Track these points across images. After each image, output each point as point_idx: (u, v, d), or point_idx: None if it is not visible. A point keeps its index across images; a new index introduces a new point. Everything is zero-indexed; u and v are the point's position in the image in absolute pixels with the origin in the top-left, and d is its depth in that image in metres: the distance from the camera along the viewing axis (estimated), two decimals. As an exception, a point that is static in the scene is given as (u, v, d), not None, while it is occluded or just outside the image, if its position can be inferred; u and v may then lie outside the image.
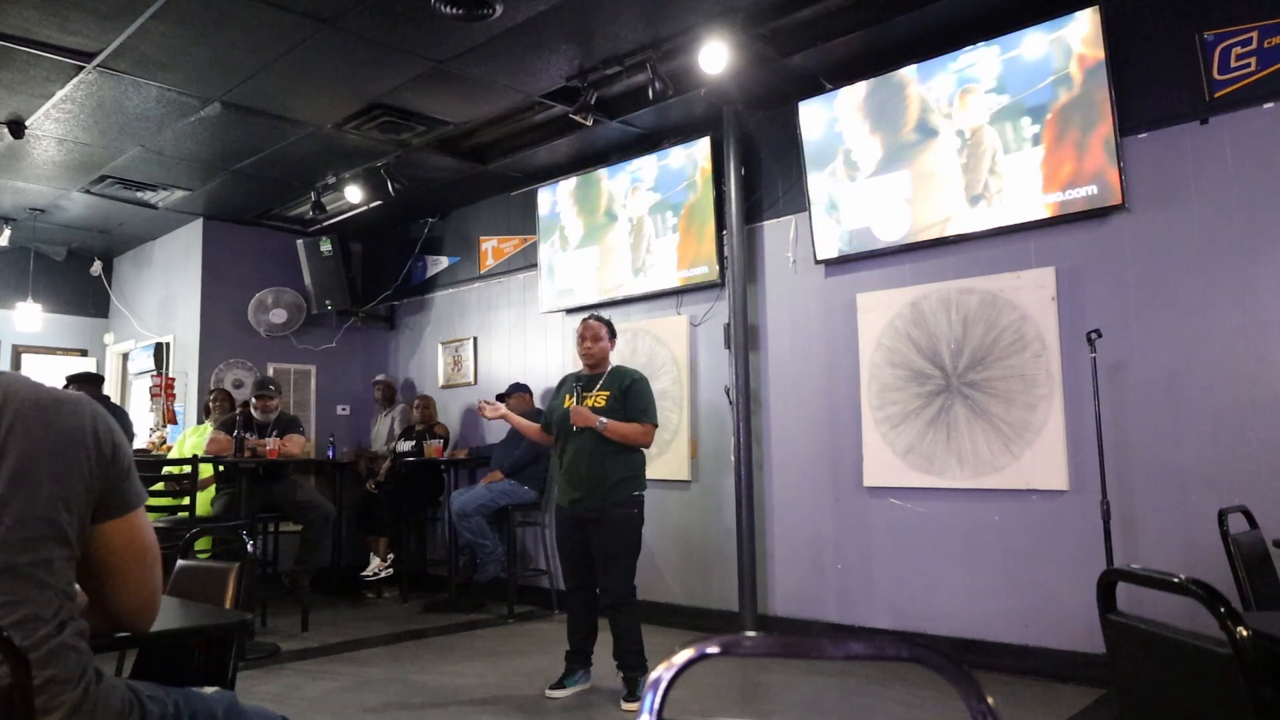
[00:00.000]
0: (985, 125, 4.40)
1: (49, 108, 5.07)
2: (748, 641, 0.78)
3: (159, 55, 4.47)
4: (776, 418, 5.22)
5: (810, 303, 5.14)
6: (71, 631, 1.31)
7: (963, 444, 4.43)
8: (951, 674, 0.74)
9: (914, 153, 4.64)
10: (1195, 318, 3.89)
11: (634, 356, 5.88)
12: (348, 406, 7.95)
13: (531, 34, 4.33)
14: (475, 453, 6.67)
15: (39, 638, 1.25)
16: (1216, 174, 3.87)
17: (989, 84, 4.39)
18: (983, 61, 4.41)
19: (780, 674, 4.28)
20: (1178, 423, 3.89)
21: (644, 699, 0.77)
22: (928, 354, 4.60)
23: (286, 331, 7.56)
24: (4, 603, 1.24)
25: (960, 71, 4.48)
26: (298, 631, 5.42)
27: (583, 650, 4.06)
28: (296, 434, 6.07)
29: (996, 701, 0.73)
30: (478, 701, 3.96)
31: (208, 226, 7.35)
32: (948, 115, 4.52)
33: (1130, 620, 1.44)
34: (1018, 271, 4.33)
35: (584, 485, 3.94)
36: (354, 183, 6.35)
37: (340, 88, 4.93)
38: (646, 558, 5.63)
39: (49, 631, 1.27)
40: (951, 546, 4.47)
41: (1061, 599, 4.08)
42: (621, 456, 3.98)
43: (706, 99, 5.18)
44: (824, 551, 4.94)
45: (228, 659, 1.80)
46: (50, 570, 1.29)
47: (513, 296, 6.84)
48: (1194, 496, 3.80)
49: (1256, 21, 3.77)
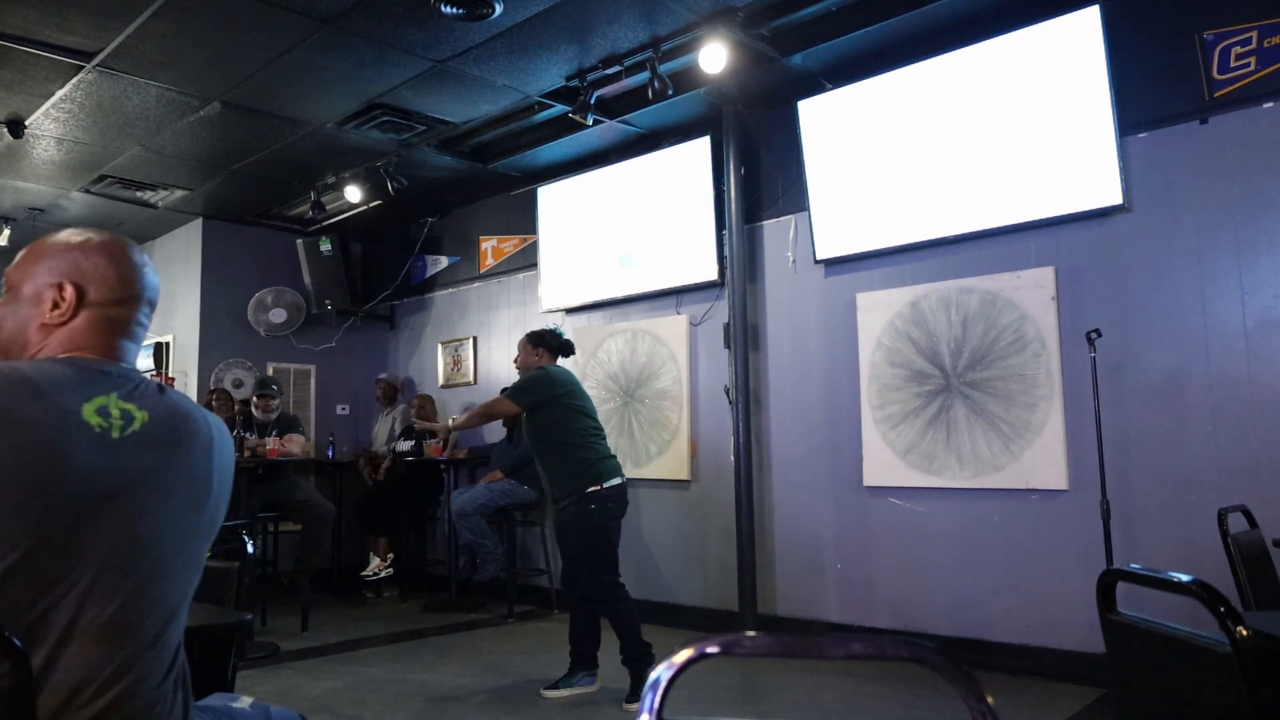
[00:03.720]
0: (985, 124, 4.40)
1: (48, 107, 5.07)
2: (748, 641, 0.78)
3: (159, 55, 4.47)
4: (776, 417, 5.22)
5: (810, 302, 5.14)
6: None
7: (963, 444, 4.43)
8: (951, 674, 0.74)
9: (914, 152, 4.64)
10: (1195, 318, 3.89)
11: (634, 356, 5.89)
12: (348, 406, 7.95)
13: (531, 34, 4.33)
14: (475, 453, 6.68)
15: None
16: (1216, 174, 3.87)
17: (989, 83, 4.39)
18: (983, 60, 4.41)
19: (780, 674, 4.28)
20: (1178, 423, 3.89)
21: (644, 699, 0.77)
22: (928, 354, 4.60)
23: (286, 331, 7.56)
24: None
25: (960, 71, 4.48)
26: (298, 631, 5.42)
27: (582, 651, 4.04)
28: (296, 433, 6.08)
29: (996, 701, 0.73)
30: (478, 701, 3.95)
31: (207, 226, 7.35)
32: (947, 114, 4.52)
33: (1130, 620, 1.44)
34: (1018, 271, 4.33)
35: (546, 486, 4.21)
36: (354, 182, 6.35)
37: (340, 88, 4.93)
38: (646, 558, 5.65)
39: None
40: (951, 546, 4.47)
41: (1061, 599, 4.08)
42: (556, 453, 4.00)
43: (706, 99, 5.18)
44: (824, 551, 4.94)
45: (228, 659, 1.80)
46: None
47: (513, 296, 6.84)
48: (1194, 496, 3.80)
49: (1256, 21, 3.77)
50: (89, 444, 1.20)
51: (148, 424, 1.27)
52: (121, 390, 1.28)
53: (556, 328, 4.45)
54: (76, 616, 1.17)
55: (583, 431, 4.03)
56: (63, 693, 1.15)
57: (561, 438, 3.99)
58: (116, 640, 1.20)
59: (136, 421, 1.26)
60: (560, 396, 4.04)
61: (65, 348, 1.31)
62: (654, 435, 5.73)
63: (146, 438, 1.26)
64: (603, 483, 3.94)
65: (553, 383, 4.05)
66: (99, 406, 1.24)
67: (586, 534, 3.91)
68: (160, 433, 1.28)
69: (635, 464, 5.74)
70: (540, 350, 4.22)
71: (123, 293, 1.37)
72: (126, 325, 1.37)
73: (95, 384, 1.26)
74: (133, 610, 1.22)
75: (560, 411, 4.02)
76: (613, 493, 3.97)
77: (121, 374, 1.31)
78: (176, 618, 1.30)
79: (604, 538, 3.93)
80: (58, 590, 1.16)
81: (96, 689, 1.18)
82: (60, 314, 1.32)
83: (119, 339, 1.36)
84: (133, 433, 1.25)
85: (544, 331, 4.30)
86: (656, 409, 5.74)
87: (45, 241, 1.39)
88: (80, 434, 1.20)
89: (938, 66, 4.55)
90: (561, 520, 3.99)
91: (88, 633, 1.18)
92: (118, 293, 1.36)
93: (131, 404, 1.27)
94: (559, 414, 4.02)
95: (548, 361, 4.21)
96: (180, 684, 1.31)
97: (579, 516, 3.91)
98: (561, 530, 4.01)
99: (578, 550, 3.94)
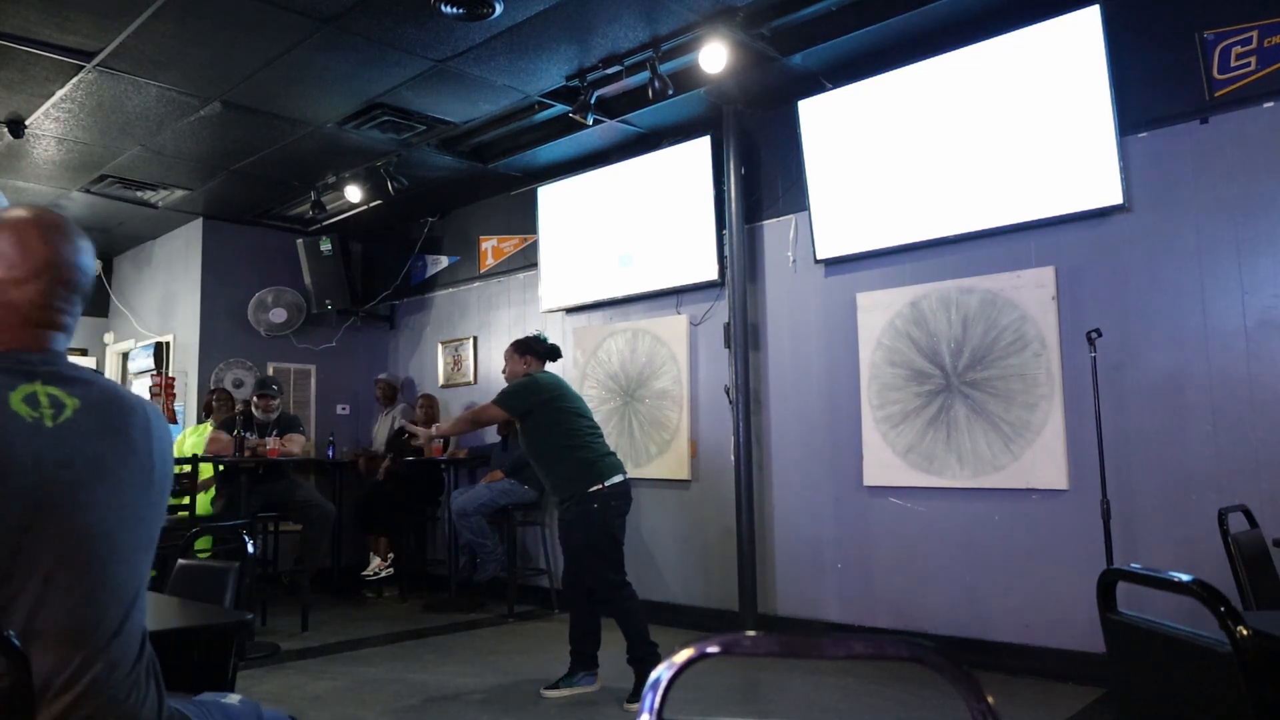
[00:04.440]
0: (985, 124, 4.40)
1: (49, 107, 5.07)
2: (748, 641, 0.78)
3: (159, 55, 4.47)
4: (776, 417, 5.22)
5: (810, 302, 5.14)
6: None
7: (963, 443, 4.43)
8: (951, 674, 0.74)
9: (914, 152, 4.64)
10: (1195, 318, 3.89)
11: (634, 356, 5.89)
12: (348, 406, 7.95)
13: (531, 34, 4.33)
14: (475, 453, 6.68)
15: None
16: (1216, 174, 3.87)
17: (989, 83, 4.39)
18: (983, 60, 4.41)
19: (780, 674, 4.28)
20: (1178, 423, 3.89)
21: (644, 699, 0.77)
22: (928, 353, 4.60)
23: (286, 331, 7.56)
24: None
25: (960, 71, 4.48)
26: (298, 631, 5.42)
27: (581, 651, 4.03)
28: (297, 433, 6.07)
29: (996, 701, 0.73)
30: (478, 701, 3.95)
31: (207, 226, 7.35)
32: (947, 114, 4.52)
33: (1130, 619, 1.44)
34: (1018, 271, 4.33)
35: (548, 489, 4.20)
36: (354, 182, 6.35)
37: (340, 88, 4.93)
38: (646, 557, 5.65)
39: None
40: (951, 546, 4.47)
41: (1061, 599, 4.08)
42: (554, 456, 4.00)
43: (706, 99, 5.18)
44: (824, 551, 4.94)
45: (228, 659, 1.80)
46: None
47: (513, 296, 6.84)
48: (1194, 496, 3.80)
49: (1256, 21, 3.77)
50: (22, 434, 1.16)
51: (80, 410, 1.23)
52: (46, 377, 1.23)
53: (540, 333, 4.45)
54: (35, 611, 1.15)
55: (579, 432, 4.02)
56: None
57: (558, 441, 3.99)
58: (79, 633, 1.18)
59: (68, 409, 1.22)
60: (549, 401, 4.04)
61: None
62: (654, 435, 5.73)
63: (81, 425, 1.23)
64: (604, 481, 3.93)
65: (540, 388, 4.06)
66: (26, 395, 1.19)
67: (590, 533, 3.90)
68: (95, 419, 1.25)
69: (635, 464, 5.73)
70: (527, 357, 4.22)
71: (23, 272, 1.26)
72: (37, 310, 1.27)
73: (17, 374, 1.21)
74: (94, 601, 1.20)
75: (552, 415, 4.02)
76: (615, 490, 3.96)
77: (44, 360, 1.26)
78: (137, 604, 1.27)
79: (608, 536, 3.92)
80: (11, 586, 1.14)
81: (64, 682, 1.16)
82: None
83: (35, 326, 1.27)
84: (66, 420, 1.21)
85: (528, 339, 4.31)
86: (656, 409, 5.74)
87: None
88: (11, 424, 1.16)
89: (938, 66, 4.55)
90: (565, 520, 3.99)
91: (49, 628, 1.16)
92: (17, 271, 1.26)
93: (59, 390, 1.23)
94: (551, 418, 4.02)
95: (536, 368, 4.22)
96: (151, 672, 1.29)
97: (582, 516, 3.91)
98: (565, 530, 4.00)
99: (582, 550, 3.93)
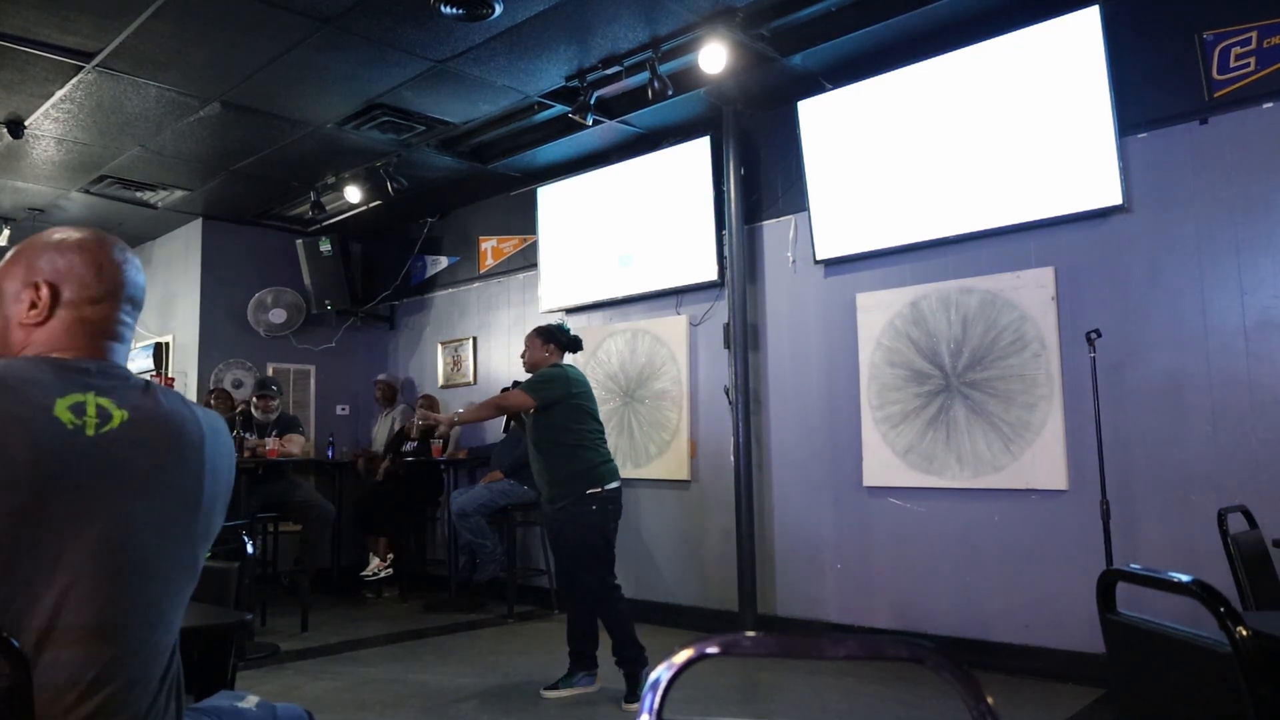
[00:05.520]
0: (985, 124, 4.40)
1: (48, 107, 5.07)
2: (748, 641, 0.78)
3: (159, 55, 4.47)
4: (776, 418, 5.22)
5: (810, 302, 5.14)
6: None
7: (962, 444, 4.43)
8: (951, 674, 0.74)
9: (913, 152, 4.64)
10: (1195, 318, 3.89)
11: (634, 356, 5.88)
12: (347, 406, 7.95)
13: (531, 34, 4.33)
14: (475, 453, 6.68)
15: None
16: (1216, 174, 3.87)
17: (989, 83, 4.39)
18: (983, 61, 4.41)
19: (780, 674, 4.28)
20: (1178, 423, 3.89)
21: (644, 699, 0.77)
22: (927, 354, 4.60)
23: (286, 331, 7.56)
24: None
25: (960, 71, 4.48)
26: (298, 631, 5.42)
27: (580, 651, 4.04)
28: (296, 434, 6.07)
29: (996, 702, 0.73)
30: (478, 701, 3.95)
31: (207, 226, 7.35)
32: (947, 115, 4.52)
33: (1130, 620, 1.44)
34: (1018, 271, 4.33)
35: (542, 484, 4.07)
36: (353, 183, 6.35)
37: (340, 88, 4.93)
38: (646, 558, 5.65)
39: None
40: (951, 546, 4.47)
41: (1061, 599, 4.08)
42: (561, 453, 3.97)
43: (706, 99, 5.18)
44: (824, 551, 4.94)
45: (227, 659, 1.80)
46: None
47: (512, 296, 6.84)
48: (1194, 496, 3.80)
49: (1256, 21, 3.77)
50: (57, 439, 1.18)
51: (127, 423, 1.24)
52: (100, 388, 1.25)
53: (563, 323, 4.44)
54: (55, 617, 1.15)
55: (590, 433, 4.03)
56: (44, 695, 1.13)
57: (570, 438, 3.99)
58: (100, 643, 1.17)
59: (115, 420, 1.23)
60: (574, 397, 4.04)
61: (46, 347, 1.30)
62: (654, 435, 5.73)
63: (125, 437, 1.23)
64: (604, 485, 3.95)
65: (570, 382, 4.06)
66: (73, 404, 1.21)
67: (586, 535, 3.91)
68: (142, 432, 1.25)
69: (635, 464, 5.74)
70: (550, 346, 4.19)
71: (99, 291, 1.34)
72: (106, 324, 1.34)
73: (71, 382, 1.23)
74: (116, 613, 1.19)
75: (571, 412, 4.01)
76: (612, 495, 3.98)
77: (102, 371, 1.28)
78: (166, 622, 1.27)
79: (603, 538, 3.94)
80: (33, 589, 1.14)
81: (81, 693, 1.16)
82: (37, 314, 1.30)
83: (101, 338, 1.33)
84: (109, 431, 1.22)
85: (553, 327, 4.27)
86: (656, 409, 5.74)
87: (29, 241, 1.38)
88: (50, 429, 1.18)
89: (938, 67, 4.55)
90: (558, 519, 3.98)
91: (68, 634, 1.15)
92: (93, 291, 1.33)
93: (110, 401, 1.24)
94: (570, 414, 4.01)
95: (557, 357, 4.19)
96: (174, 693, 1.28)
97: (578, 517, 3.91)
98: (557, 529, 4.00)
99: (576, 550, 3.93)
